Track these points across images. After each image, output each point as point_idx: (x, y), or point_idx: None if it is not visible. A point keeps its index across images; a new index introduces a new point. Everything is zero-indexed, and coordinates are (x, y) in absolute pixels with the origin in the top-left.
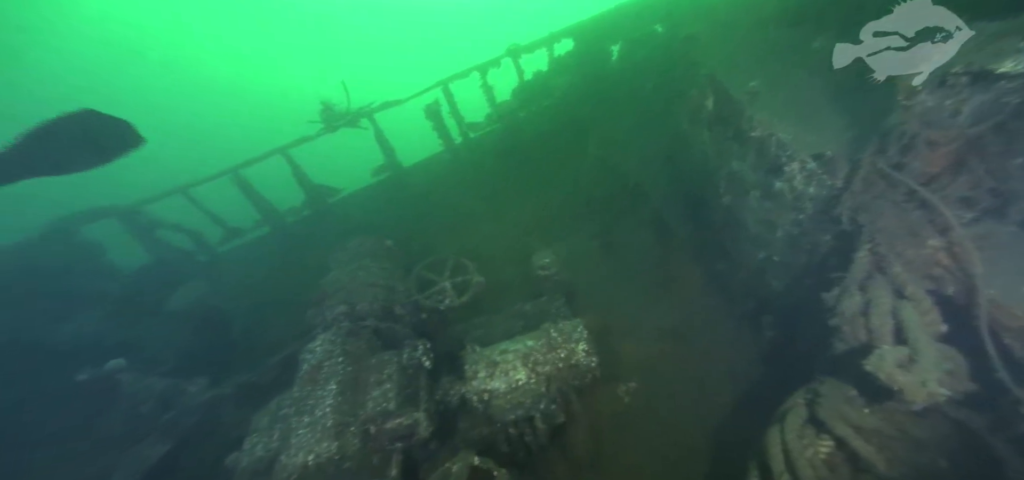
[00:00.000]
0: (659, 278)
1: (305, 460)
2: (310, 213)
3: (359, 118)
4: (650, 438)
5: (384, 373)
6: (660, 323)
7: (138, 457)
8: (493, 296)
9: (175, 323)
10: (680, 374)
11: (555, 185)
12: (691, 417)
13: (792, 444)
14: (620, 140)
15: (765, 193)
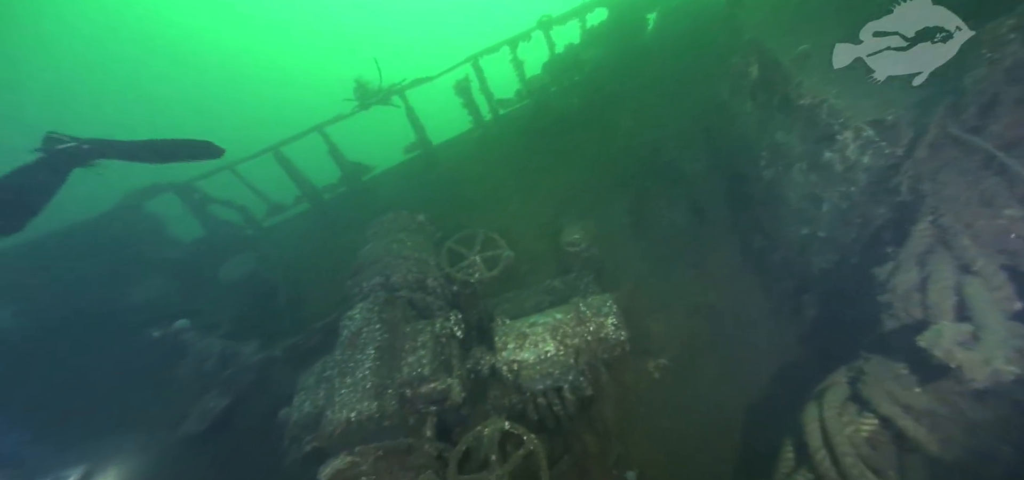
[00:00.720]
0: (692, 256)
1: (348, 416)
2: (346, 190)
3: (391, 95)
4: (680, 413)
5: (418, 341)
6: (692, 301)
7: (205, 407)
8: (522, 272)
9: (227, 291)
10: (712, 352)
11: (586, 161)
12: (722, 394)
13: (831, 422)
14: (653, 114)
15: (811, 165)
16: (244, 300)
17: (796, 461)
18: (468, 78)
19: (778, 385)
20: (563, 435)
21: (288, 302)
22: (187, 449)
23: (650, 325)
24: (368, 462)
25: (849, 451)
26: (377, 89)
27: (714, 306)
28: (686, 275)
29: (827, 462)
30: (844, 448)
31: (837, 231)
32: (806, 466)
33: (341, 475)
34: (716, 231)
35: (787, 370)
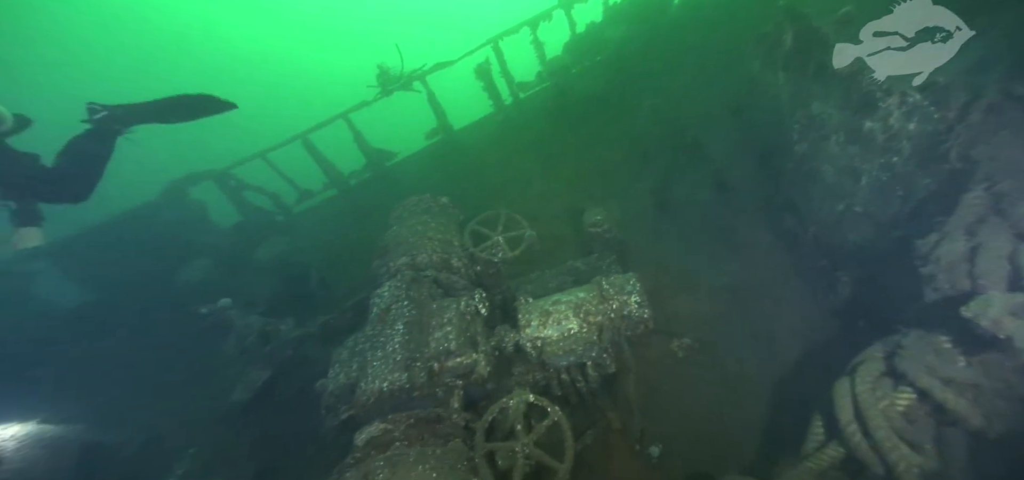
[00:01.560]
0: (718, 236)
1: (380, 386)
2: (370, 176)
3: (412, 81)
4: (705, 391)
5: (444, 318)
6: (718, 281)
7: (249, 379)
8: (544, 254)
9: (263, 273)
10: (739, 331)
11: (608, 143)
12: (749, 373)
13: (863, 396)
14: (678, 93)
15: (850, 136)
16: (278, 281)
17: (826, 436)
18: (488, 61)
19: (807, 364)
20: (586, 411)
21: (319, 283)
22: (235, 416)
23: (674, 305)
24: (400, 429)
25: (882, 424)
26: (399, 75)
27: (741, 286)
28: (711, 256)
29: (858, 436)
30: (877, 421)
31: (876, 205)
32: (836, 440)
33: (375, 441)
34: (743, 211)
35: (817, 348)
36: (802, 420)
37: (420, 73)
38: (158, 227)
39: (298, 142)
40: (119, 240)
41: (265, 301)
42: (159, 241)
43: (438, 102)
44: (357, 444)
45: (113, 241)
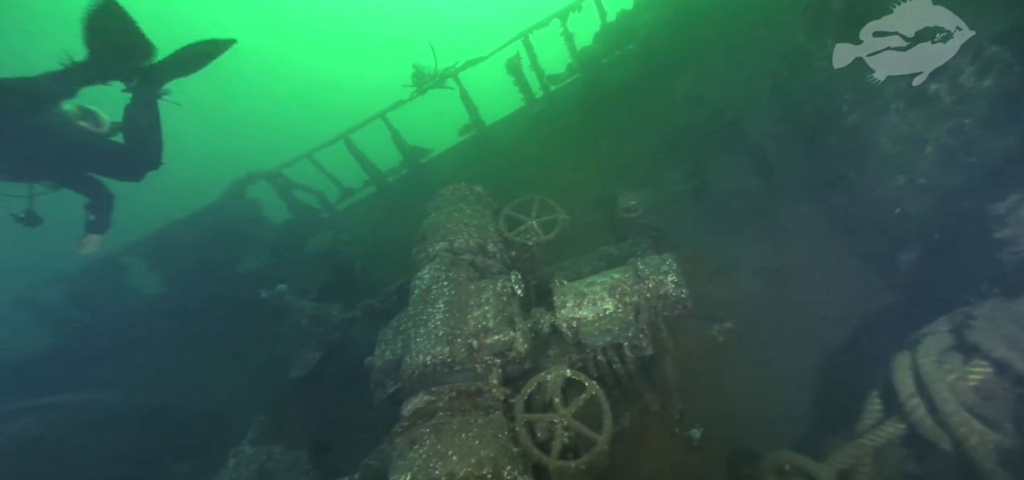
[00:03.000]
0: (758, 219)
1: (424, 360)
2: (407, 172)
3: (446, 78)
4: (747, 375)
5: (482, 298)
6: (761, 264)
7: (304, 358)
8: (577, 241)
9: (312, 263)
10: (782, 315)
11: (641, 131)
12: (796, 356)
13: (927, 368)
14: (713, 75)
15: (911, 102)
16: (326, 271)
17: (883, 412)
18: (519, 56)
19: (857, 345)
20: (624, 393)
21: (362, 272)
22: (293, 391)
23: (713, 290)
24: (444, 400)
25: (950, 397)
26: (433, 73)
27: (783, 269)
28: (752, 239)
29: (922, 410)
30: (944, 395)
31: (942, 175)
32: (896, 416)
33: (420, 411)
34: (786, 192)
35: (868, 329)
36: (852, 402)
37: (453, 70)
38: (221, 223)
39: (341, 142)
40: (191, 235)
41: (315, 289)
42: (223, 236)
43: (470, 98)
44: (404, 415)
45: (186, 236)
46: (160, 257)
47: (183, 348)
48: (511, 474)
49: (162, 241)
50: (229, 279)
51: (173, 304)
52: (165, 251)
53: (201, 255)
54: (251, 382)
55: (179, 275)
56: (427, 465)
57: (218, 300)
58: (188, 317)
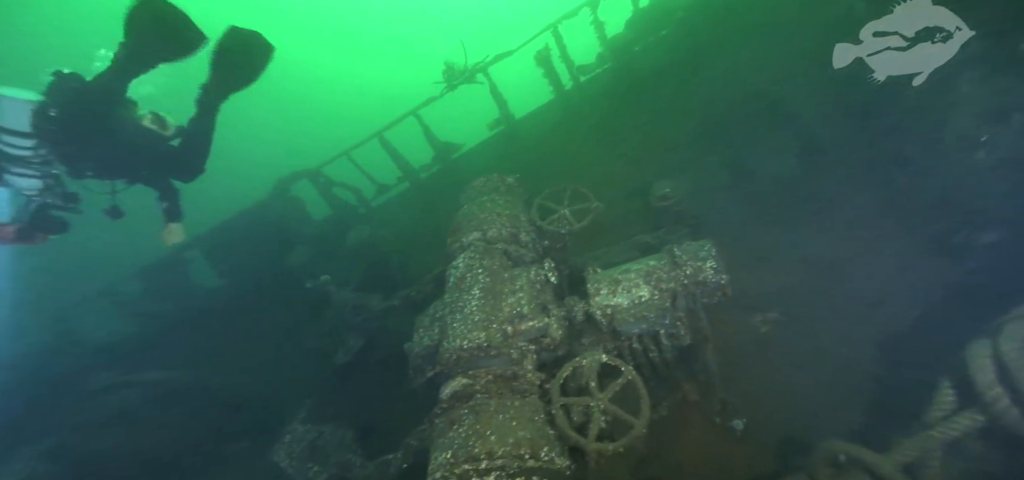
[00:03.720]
0: (806, 203)
1: (461, 345)
2: (439, 168)
3: (476, 73)
4: (794, 366)
5: (516, 285)
6: (808, 252)
7: (347, 345)
8: (610, 231)
9: (351, 257)
10: (834, 303)
11: (675, 118)
12: (848, 346)
13: (1011, 357)
14: (754, 53)
15: (994, 67)
16: (364, 264)
17: (957, 404)
18: (548, 47)
19: (924, 333)
20: (661, 383)
21: (398, 265)
22: (338, 376)
23: (756, 279)
24: (481, 383)
25: None
26: (463, 69)
27: (836, 256)
28: (798, 225)
29: (1005, 401)
30: None
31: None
32: (974, 409)
33: (458, 394)
34: (836, 175)
35: (937, 316)
36: (914, 394)
37: (482, 65)
38: (269, 220)
39: (375, 140)
40: (243, 232)
41: (355, 281)
42: (270, 232)
43: (499, 92)
44: (442, 397)
45: (239, 233)
46: (216, 252)
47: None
48: (548, 455)
49: (218, 238)
50: (278, 272)
51: (229, 296)
52: (221, 247)
53: (252, 250)
54: (300, 367)
55: (234, 269)
56: (466, 443)
57: (269, 292)
58: (243, 308)
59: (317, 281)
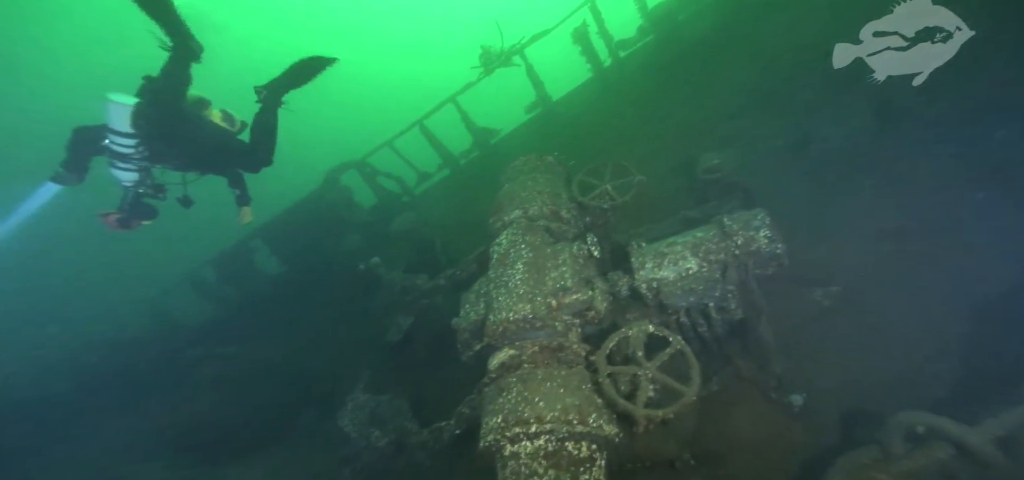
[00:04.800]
0: (876, 172)
1: (507, 317)
2: (478, 154)
3: (512, 56)
4: (861, 344)
5: (559, 259)
6: (879, 225)
7: (398, 323)
8: (654, 208)
9: (398, 242)
10: (907, 279)
11: (724, 89)
12: (924, 321)
13: None
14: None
15: None
16: (409, 249)
17: None
18: (586, 24)
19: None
20: (710, 358)
21: (442, 249)
22: (391, 352)
23: (818, 253)
24: (527, 354)
25: None
26: (499, 52)
27: (912, 228)
28: (867, 196)
29: None
30: None
31: None
32: None
33: (505, 364)
34: (914, 137)
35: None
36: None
37: (519, 47)
38: (322, 209)
39: (416, 129)
40: (299, 221)
41: (402, 265)
42: (324, 220)
43: (536, 74)
44: (490, 368)
45: (295, 222)
46: (277, 241)
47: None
48: (596, 421)
49: (278, 227)
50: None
51: (291, 280)
52: (281, 236)
53: (308, 237)
54: (357, 344)
55: (293, 256)
56: (516, 409)
57: (325, 275)
58: (303, 290)
59: (368, 264)
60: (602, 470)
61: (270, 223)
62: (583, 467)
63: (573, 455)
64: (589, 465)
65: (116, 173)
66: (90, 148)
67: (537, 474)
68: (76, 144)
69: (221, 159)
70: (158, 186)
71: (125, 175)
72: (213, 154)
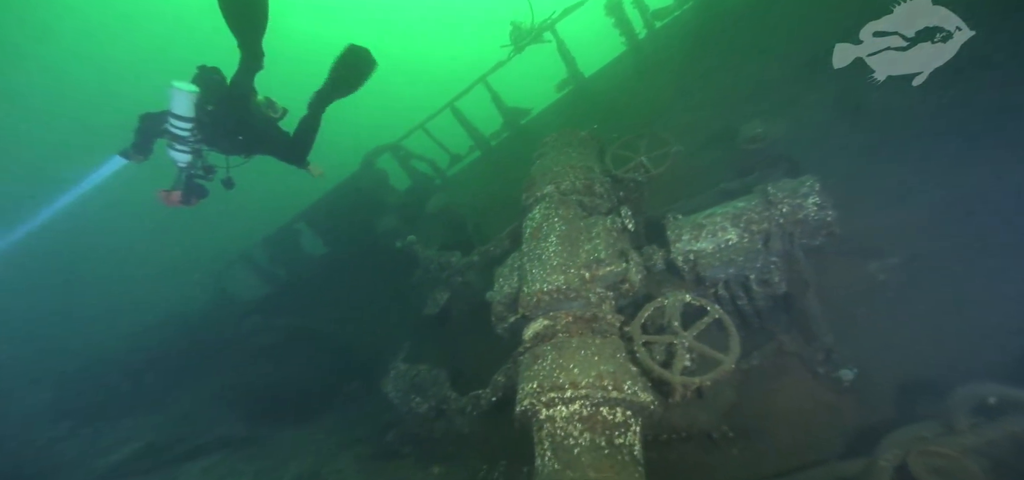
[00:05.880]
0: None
1: (541, 288)
2: (509, 135)
3: (543, 32)
4: (923, 315)
5: (592, 232)
6: (942, 191)
7: (434, 298)
8: (691, 182)
9: (432, 222)
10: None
11: (769, 55)
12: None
13: None
14: None
15: None
16: (443, 229)
17: None
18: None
19: None
20: (751, 332)
21: (474, 229)
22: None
23: (874, 222)
24: (561, 324)
25: None
26: (530, 28)
27: (983, 195)
28: (932, 162)
29: None
30: None
31: None
32: None
33: (540, 334)
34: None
35: None
36: None
37: (550, 22)
38: (360, 191)
39: (447, 112)
40: (339, 203)
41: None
42: (362, 202)
43: (568, 50)
44: (525, 338)
45: (336, 204)
46: (319, 223)
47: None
48: (631, 388)
49: (319, 210)
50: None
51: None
52: (322, 218)
53: (348, 219)
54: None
55: (335, 236)
56: (551, 375)
57: (366, 254)
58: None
59: (405, 241)
60: (636, 435)
61: (312, 206)
62: (618, 431)
63: (608, 420)
64: (624, 430)
65: (172, 154)
66: (154, 131)
67: (573, 437)
68: (143, 127)
69: (266, 147)
70: (208, 167)
71: (180, 156)
72: (260, 142)
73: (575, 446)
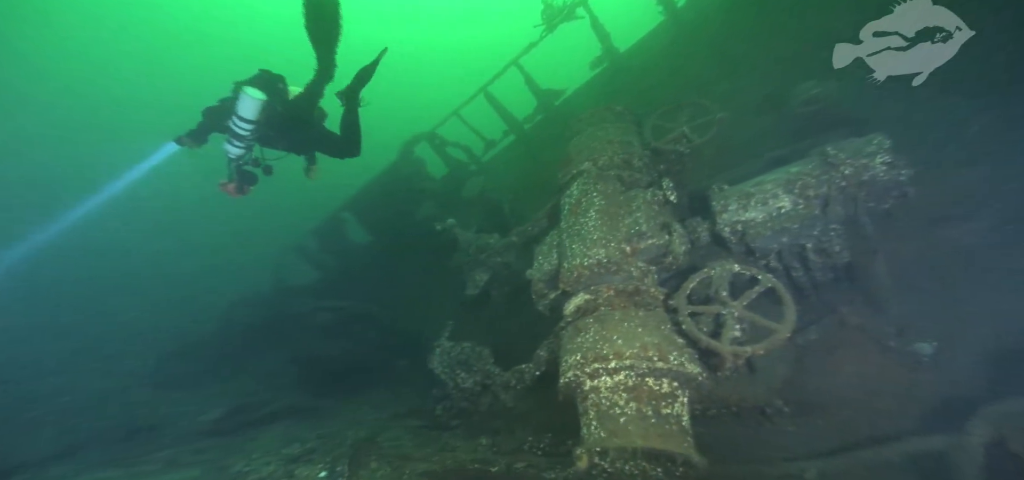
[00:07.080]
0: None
1: (582, 262)
2: (542, 117)
3: (575, 8)
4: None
5: (633, 206)
6: None
7: (474, 279)
8: (737, 151)
9: (469, 206)
10: None
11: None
12: None
13: None
14: None
15: None
16: (480, 213)
17: None
18: None
19: None
20: (808, 306)
21: (510, 212)
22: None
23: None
24: (603, 297)
25: None
26: (562, 6)
27: None
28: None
29: None
30: None
31: None
32: None
33: (582, 308)
34: None
35: None
36: None
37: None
38: (399, 179)
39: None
40: (380, 192)
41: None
42: (402, 189)
43: (602, 25)
44: (566, 312)
45: (377, 193)
46: (363, 212)
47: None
48: (677, 359)
49: (362, 199)
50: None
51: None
52: (366, 207)
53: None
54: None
55: (378, 224)
56: (595, 346)
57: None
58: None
59: (445, 225)
60: (684, 406)
61: (356, 196)
62: (665, 402)
63: (654, 390)
64: (671, 400)
65: (227, 147)
66: (215, 124)
67: (618, 406)
68: (205, 121)
69: (322, 146)
70: (255, 160)
71: (233, 149)
72: (316, 142)
73: (621, 415)
